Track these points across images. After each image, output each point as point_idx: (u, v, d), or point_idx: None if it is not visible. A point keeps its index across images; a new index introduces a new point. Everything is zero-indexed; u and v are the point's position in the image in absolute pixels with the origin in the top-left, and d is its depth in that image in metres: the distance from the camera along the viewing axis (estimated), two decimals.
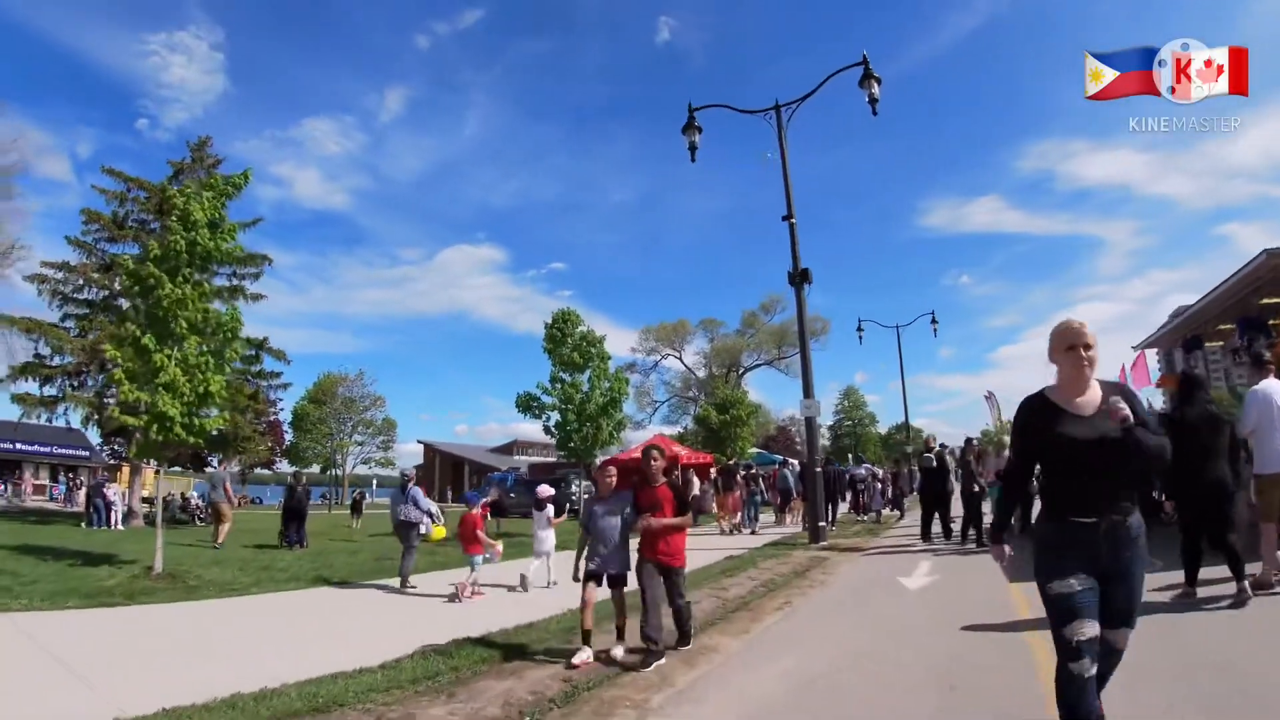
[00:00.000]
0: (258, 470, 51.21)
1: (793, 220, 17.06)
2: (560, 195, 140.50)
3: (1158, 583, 7.17)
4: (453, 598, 9.25)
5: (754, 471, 24.90)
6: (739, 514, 20.53)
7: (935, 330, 39.77)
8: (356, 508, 28.20)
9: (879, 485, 22.85)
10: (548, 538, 10.47)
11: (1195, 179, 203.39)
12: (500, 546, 10.76)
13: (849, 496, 24.19)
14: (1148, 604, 7.32)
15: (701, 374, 61.74)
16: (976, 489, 14.27)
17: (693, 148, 18.11)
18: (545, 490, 10.92)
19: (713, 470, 32.50)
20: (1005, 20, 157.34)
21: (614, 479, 6.84)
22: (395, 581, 10.42)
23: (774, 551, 14.51)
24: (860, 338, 40.04)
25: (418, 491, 11.07)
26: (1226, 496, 6.83)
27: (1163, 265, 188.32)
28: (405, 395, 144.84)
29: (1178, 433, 6.36)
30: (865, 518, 22.26)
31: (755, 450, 40.93)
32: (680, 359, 64.01)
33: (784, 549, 14.94)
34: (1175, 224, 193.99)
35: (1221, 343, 17.17)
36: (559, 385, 23.94)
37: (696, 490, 25.37)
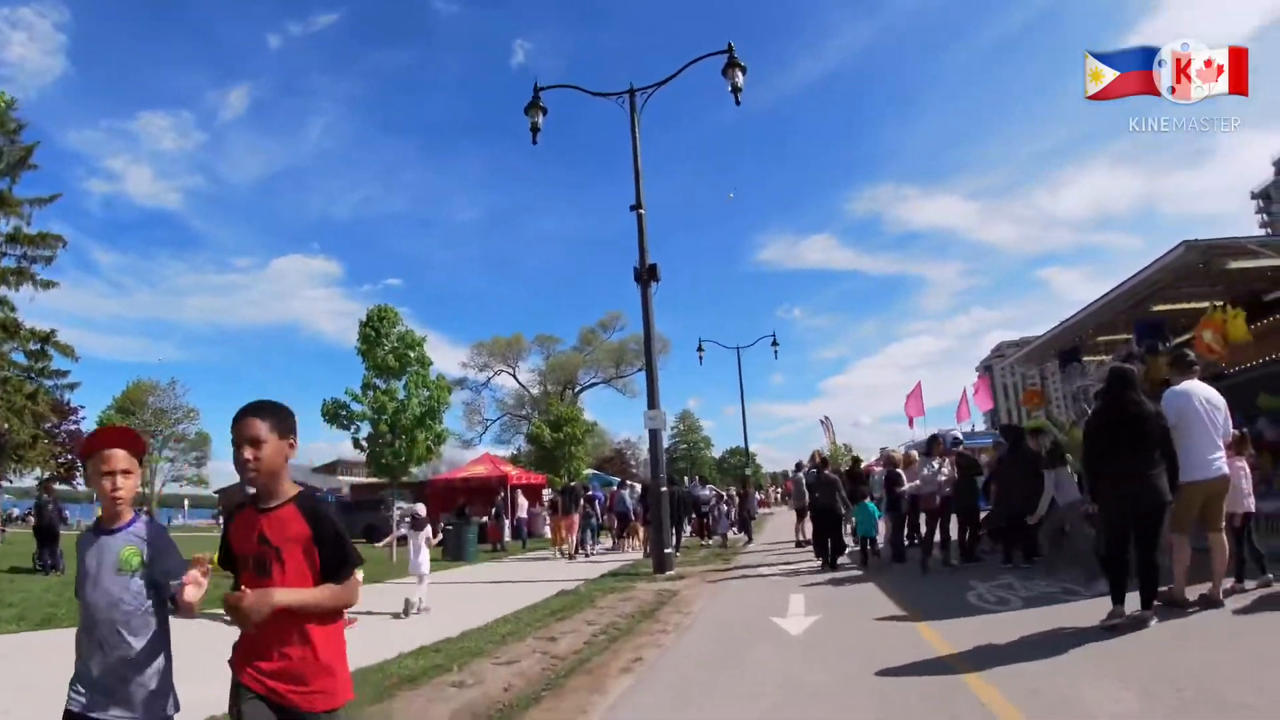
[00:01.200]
0: (59, 486, 44.62)
1: (641, 211, 15.18)
2: (405, 210, 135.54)
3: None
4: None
5: (590, 494, 22.69)
6: (573, 538, 19.22)
7: (776, 353, 39.51)
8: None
9: (725, 507, 21.15)
10: (423, 561, 10.29)
11: (1019, 226, 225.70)
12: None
13: (693, 519, 22.48)
14: (1073, 633, 5.98)
15: (536, 392, 58.98)
16: (843, 510, 12.75)
17: (535, 129, 16.44)
18: (421, 510, 11.06)
19: (546, 492, 30.26)
20: (851, 68, 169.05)
21: (122, 494, 2.51)
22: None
23: (614, 584, 12.30)
24: (700, 358, 38.66)
25: None
26: (1160, 507, 6.06)
27: (985, 305, 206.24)
28: (230, 410, 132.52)
29: (1103, 433, 6.25)
30: (710, 541, 20.51)
31: (590, 471, 38.77)
32: (515, 376, 61.08)
33: (625, 580, 12.78)
34: (998, 267, 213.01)
35: (1102, 357, 16.55)
36: (371, 392, 20.84)
37: (524, 513, 23.01)
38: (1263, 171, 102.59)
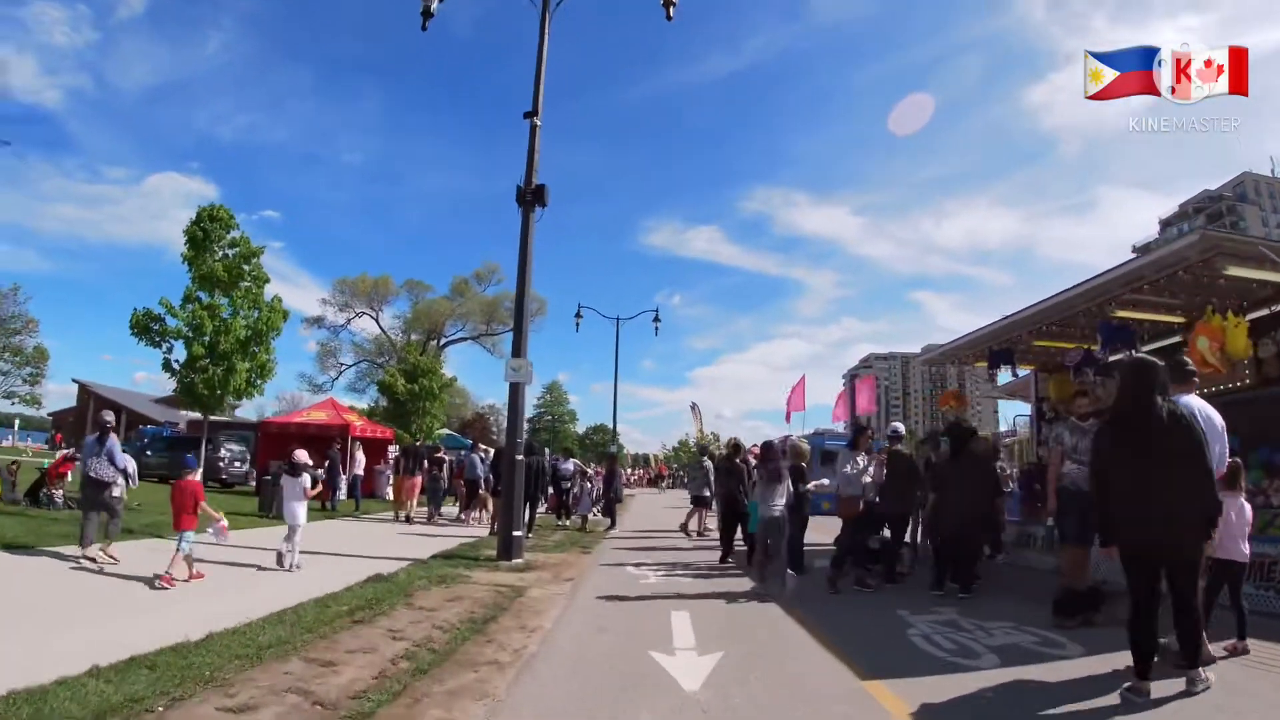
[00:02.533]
0: None
1: (536, 120, 12.48)
2: (292, 142, 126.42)
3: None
4: (152, 582, 7.63)
5: (440, 456, 19.82)
6: (411, 502, 17.75)
7: (657, 329, 37.23)
8: None
9: (588, 485, 18.75)
10: (299, 511, 9.57)
11: (899, 247, 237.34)
12: (225, 521, 9.01)
13: (550, 496, 20.04)
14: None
15: (399, 340, 54.50)
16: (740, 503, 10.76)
17: (427, 13, 13.39)
18: (302, 455, 9.95)
19: (392, 448, 27.19)
20: (764, 69, 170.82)
21: None
22: (75, 549, 8.91)
23: (446, 569, 9.73)
24: (578, 324, 35.97)
25: (114, 444, 9.32)
26: (1197, 539, 4.61)
27: (857, 316, 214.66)
28: (85, 330, 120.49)
29: (1115, 445, 4.88)
30: (568, 523, 18.09)
31: (445, 431, 35.66)
32: (377, 320, 56.01)
33: (461, 566, 10.22)
34: (874, 282, 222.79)
35: (1029, 367, 15.06)
36: (191, 306, 17.24)
37: (359, 469, 19.97)
38: (1144, 228, 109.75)
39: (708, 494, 16.07)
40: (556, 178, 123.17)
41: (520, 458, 11.14)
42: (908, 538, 10.96)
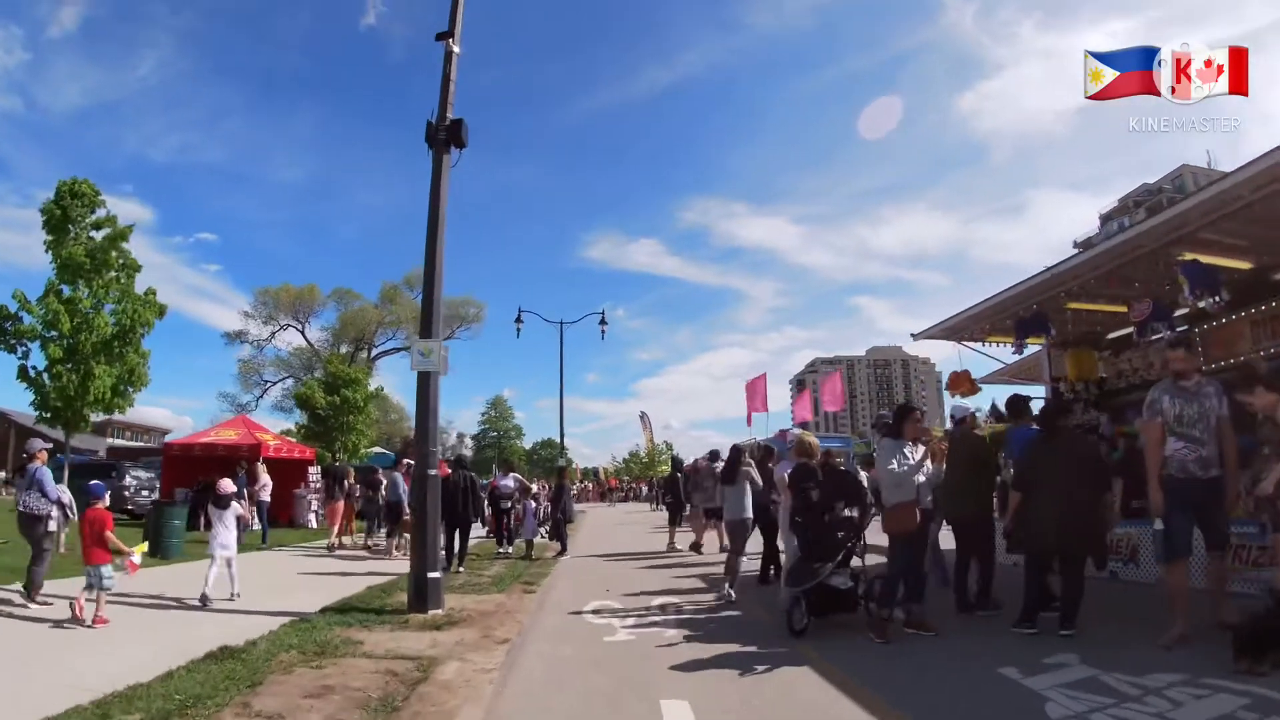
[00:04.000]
0: None
1: (453, 44, 9.80)
2: (226, 162, 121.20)
3: None
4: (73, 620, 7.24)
5: (379, 477, 16.99)
6: (334, 529, 15.84)
7: (603, 333, 34.56)
8: None
9: (533, 504, 15.86)
10: (230, 539, 9.11)
11: (838, 255, 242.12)
12: (138, 556, 8.08)
13: (488, 516, 17.16)
14: None
15: (327, 354, 49.79)
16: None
17: None
18: (228, 485, 9.87)
19: (313, 469, 24.08)
20: (699, 82, 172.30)
21: None
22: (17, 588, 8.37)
23: (330, 631, 6.95)
24: (519, 330, 33.03)
25: (45, 474, 8.52)
26: None
27: (797, 324, 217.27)
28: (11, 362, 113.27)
29: None
30: (509, 549, 15.20)
31: (376, 450, 32.34)
32: (303, 333, 51.88)
33: (355, 623, 7.43)
34: (813, 290, 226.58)
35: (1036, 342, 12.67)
36: (51, 301, 13.98)
37: (265, 494, 16.86)
38: (1073, 228, 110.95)
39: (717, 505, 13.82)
40: (495, 194, 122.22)
41: (435, 472, 8.28)
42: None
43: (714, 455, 15.63)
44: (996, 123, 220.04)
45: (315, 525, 21.85)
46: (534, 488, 18.34)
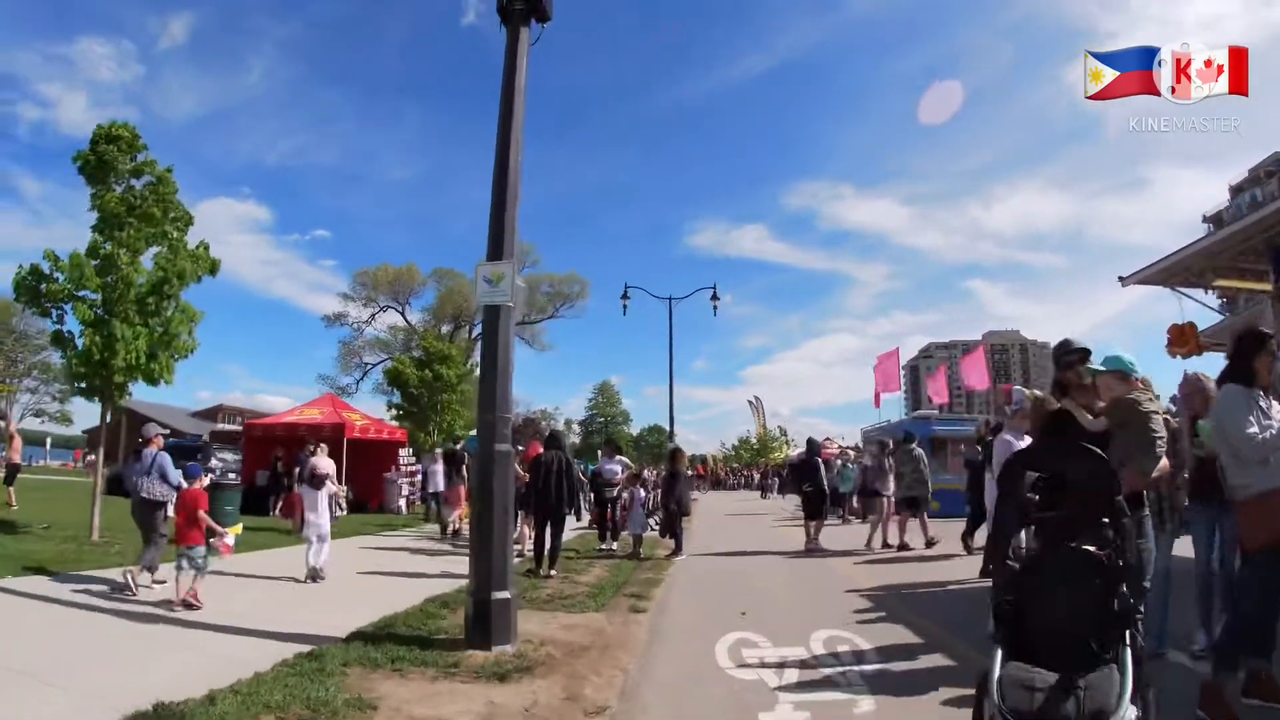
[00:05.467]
0: None
1: None
2: (338, 163, 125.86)
3: None
4: (169, 603, 6.99)
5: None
6: (457, 514, 14.58)
7: (715, 308, 31.94)
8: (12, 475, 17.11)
9: (641, 493, 13.37)
10: (324, 522, 9.14)
11: (948, 235, 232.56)
12: (231, 537, 8.59)
13: (592, 507, 14.86)
14: None
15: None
16: None
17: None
18: (324, 465, 10.31)
19: (403, 452, 22.48)
20: (798, 64, 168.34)
21: None
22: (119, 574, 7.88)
23: (327, 687, 4.47)
24: (625, 307, 31.05)
25: (165, 459, 8.36)
26: None
27: (907, 309, 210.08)
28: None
29: None
30: (614, 545, 12.80)
31: (471, 433, 30.62)
32: (403, 314, 50.56)
33: (387, 661, 5.17)
34: (924, 273, 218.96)
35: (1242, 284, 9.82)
36: (76, 256, 12.34)
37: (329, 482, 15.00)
38: (1197, 204, 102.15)
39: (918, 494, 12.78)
40: (595, 185, 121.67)
41: (505, 447, 5.83)
42: None
43: (909, 436, 13.83)
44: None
45: (405, 511, 20.39)
46: (644, 474, 15.97)
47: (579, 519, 11.70)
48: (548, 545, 9.76)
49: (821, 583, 9.11)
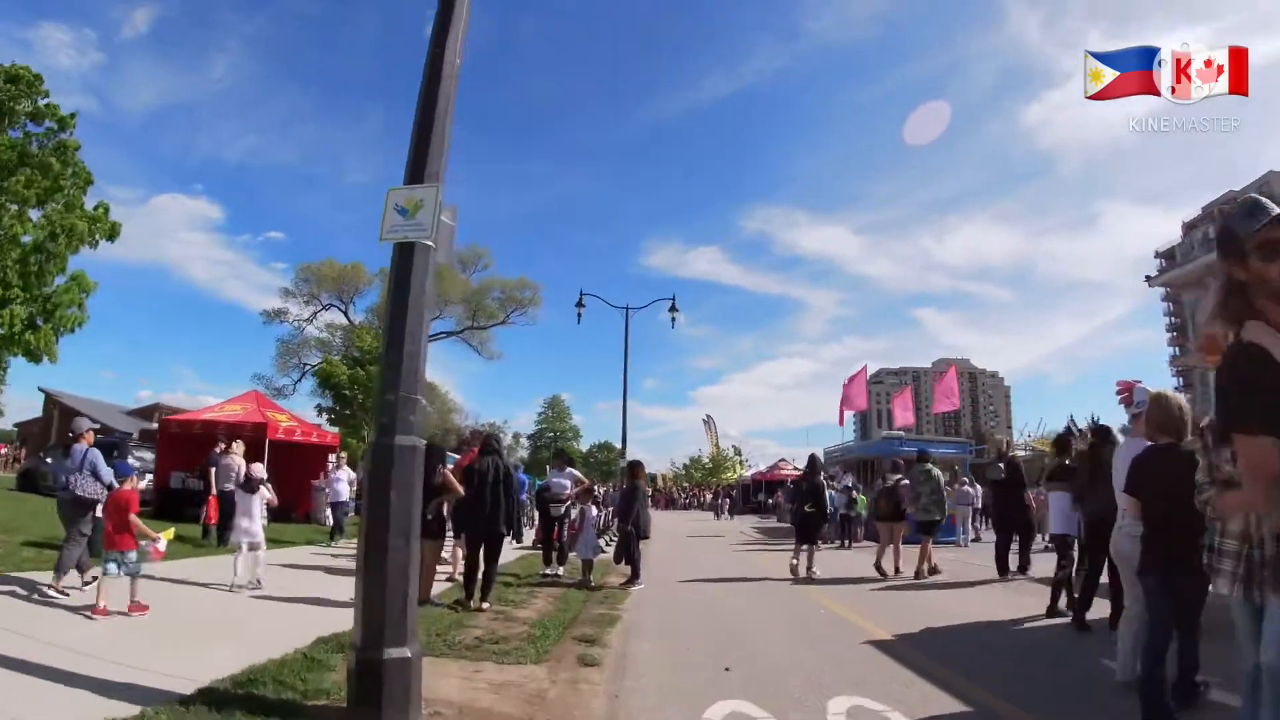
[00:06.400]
0: None
1: None
2: (296, 163, 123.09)
3: None
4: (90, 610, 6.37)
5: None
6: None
7: (674, 320, 30.69)
8: None
9: (594, 511, 11.70)
10: (257, 528, 8.67)
11: (899, 264, 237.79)
12: (163, 542, 7.34)
13: (536, 525, 13.22)
14: None
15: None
16: None
17: None
18: (258, 470, 9.30)
19: (333, 458, 20.45)
20: (762, 91, 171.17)
21: None
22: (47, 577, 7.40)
23: None
24: (580, 315, 29.50)
25: (97, 456, 7.77)
26: None
27: (859, 334, 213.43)
28: (84, 348, 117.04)
29: None
30: (560, 570, 11.13)
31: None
32: (346, 313, 46.76)
33: None
34: (875, 300, 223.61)
35: None
36: None
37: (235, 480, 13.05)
38: (1148, 241, 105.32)
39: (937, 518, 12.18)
40: (557, 201, 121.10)
41: (410, 441, 4.15)
42: None
43: (922, 455, 12.88)
44: (1064, 133, 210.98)
45: (331, 523, 18.33)
46: (597, 490, 14.32)
47: (518, 540, 9.91)
48: (482, 570, 8.06)
49: (824, 626, 7.48)
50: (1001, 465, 11.51)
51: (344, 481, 14.61)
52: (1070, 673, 5.54)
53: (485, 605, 7.80)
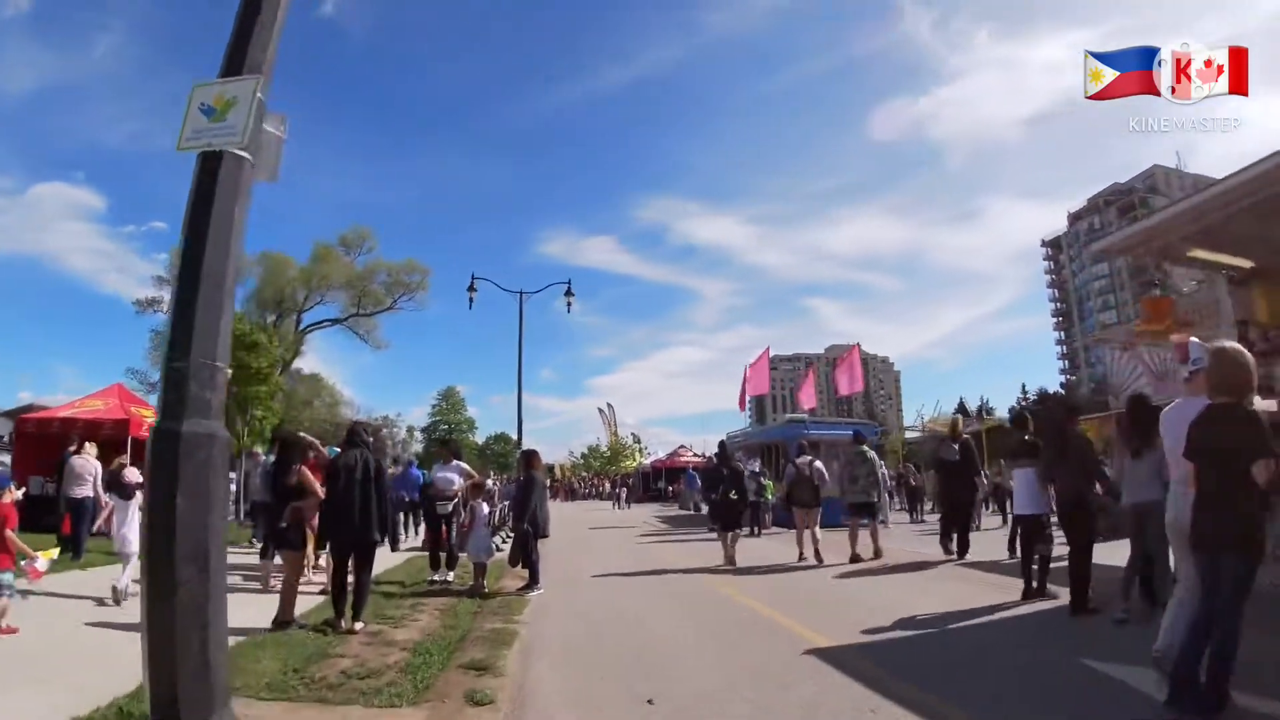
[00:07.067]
0: None
1: None
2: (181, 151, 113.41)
3: None
4: None
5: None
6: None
7: (569, 305, 29.65)
8: None
9: (485, 508, 10.43)
10: (134, 537, 7.91)
11: (791, 255, 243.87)
12: (44, 561, 6.76)
13: (421, 524, 12.00)
14: None
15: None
16: None
17: None
18: (134, 474, 8.59)
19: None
20: (658, 81, 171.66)
21: None
22: None
23: None
24: (471, 300, 28.09)
25: None
26: None
27: (751, 323, 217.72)
28: None
29: None
30: (450, 576, 9.95)
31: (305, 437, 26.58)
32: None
33: None
34: (767, 290, 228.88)
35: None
36: None
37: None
38: (1031, 234, 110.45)
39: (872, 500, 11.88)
40: (452, 189, 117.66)
41: (210, 428, 2.96)
42: None
43: (858, 436, 12.92)
44: (952, 129, 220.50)
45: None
46: (490, 483, 13.12)
47: (394, 548, 8.49)
48: (352, 584, 6.81)
49: (755, 633, 6.51)
50: (956, 445, 11.40)
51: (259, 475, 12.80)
52: (1058, 679, 4.77)
53: (358, 626, 6.57)
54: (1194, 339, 6.17)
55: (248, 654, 5.44)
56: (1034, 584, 7.54)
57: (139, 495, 8.07)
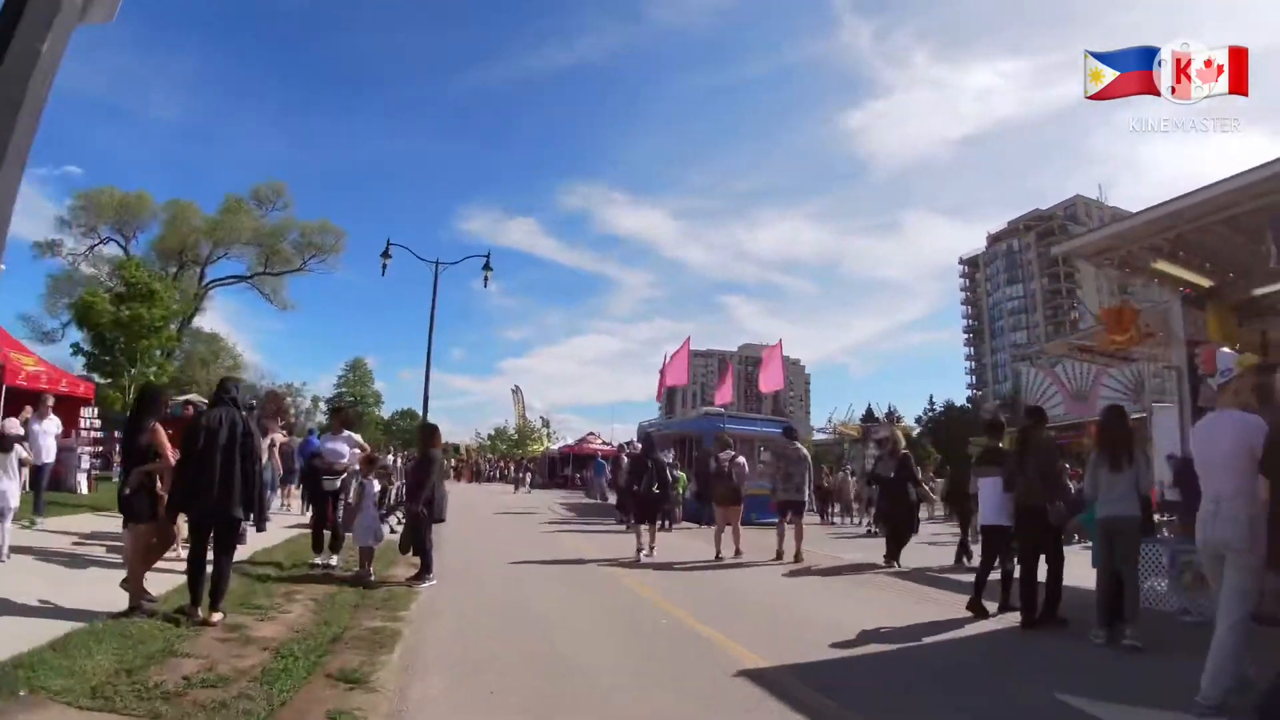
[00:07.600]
0: None
1: None
2: (102, 93, 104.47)
3: None
4: None
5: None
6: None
7: (486, 280, 28.50)
8: None
9: (375, 486, 9.45)
10: (13, 491, 7.53)
11: (712, 251, 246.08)
12: None
13: (306, 500, 11.12)
14: None
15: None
16: None
17: None
18: (12, 425, 8.47)
19: (87, 411, 17.21)
20: (595, 68, 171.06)
21: None
22: None
23: None
24: (385, 267, 26.64)
25: None
26: None
27: (668, 316, 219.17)
28: None
29: None
30: (334, 560, 8.99)
31: (186, 398, 24.67)
32: (126, 249, 40.51)
33: None
34: (686, 284, 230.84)
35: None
36: None
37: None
38: (948, 252, 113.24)
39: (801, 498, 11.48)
40: (373, 158, 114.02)
41: None
42: None
43: (790, 432, 12.61)
44: (880, 143, 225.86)
45: (87, 490, 15.34)
46: (386, 460, 12.11)
47: (260, 527, 7.43)
48: (211, 568, 5.84)
49: (678, 646, 5.81)
50: (893, 462, 11.51)
51: (50, 436, 11.18)
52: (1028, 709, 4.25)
53: (216, 616, 5.62)
54: (1223, 349, 5.87)
55: (80, 646, 4.51)
56: (982, 597, 7.21)
57: (18, 448, 7.94)
